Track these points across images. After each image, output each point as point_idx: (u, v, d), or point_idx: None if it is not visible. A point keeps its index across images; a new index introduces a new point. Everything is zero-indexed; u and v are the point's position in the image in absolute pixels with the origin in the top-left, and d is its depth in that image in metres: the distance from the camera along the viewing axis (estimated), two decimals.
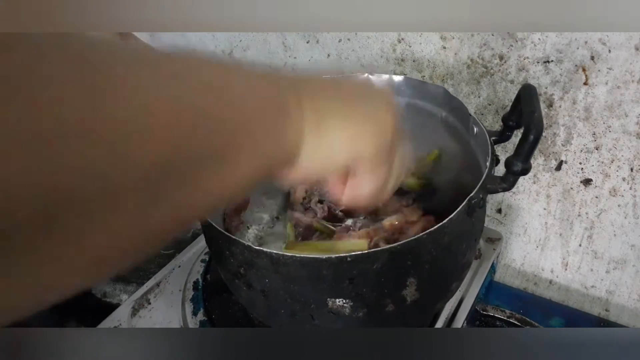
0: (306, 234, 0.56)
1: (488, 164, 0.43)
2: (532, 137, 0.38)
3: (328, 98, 0.28)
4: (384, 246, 0.41)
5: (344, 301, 0.41)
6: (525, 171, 0.39)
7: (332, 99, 0.28)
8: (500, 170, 0.44)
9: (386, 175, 0.32)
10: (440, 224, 0.39)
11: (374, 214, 0.56)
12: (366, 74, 0.59)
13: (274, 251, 0.39)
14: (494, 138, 0.49)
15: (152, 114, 0.17)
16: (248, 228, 0.63)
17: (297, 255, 0.39)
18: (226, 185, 0.21)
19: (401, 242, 0.38)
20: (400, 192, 0.56)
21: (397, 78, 0.58)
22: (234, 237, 0.40)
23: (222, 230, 0.41)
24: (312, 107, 0.26)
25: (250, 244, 0.39)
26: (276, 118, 0.24)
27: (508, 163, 0.40)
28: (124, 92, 0.16)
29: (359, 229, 0.53)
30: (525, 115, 0.41)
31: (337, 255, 0.38)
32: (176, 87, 0.19)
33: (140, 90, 0.17)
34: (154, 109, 0.17)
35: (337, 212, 0.57)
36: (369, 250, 0.38)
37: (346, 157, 0.29)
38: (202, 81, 0.21)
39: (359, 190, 0.32)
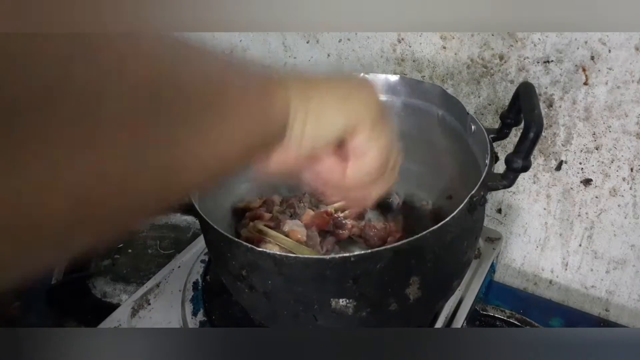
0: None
1: (487, 161, 0.43)
2: (532, 134, 0.38)
3: (310, 77, 0.28)
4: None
5: (348, 301, 0.41)
6: (525, 168, 0.39)
7: (315, 78, 0.28)
8: (499, 169, 0.44)
9: (388, 142, 0.30)
10: (443, 222, 0.39)
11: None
12: (362, 74, 0.59)
13: (277, 252, 0.39)
14: (492, 136, 0.49)
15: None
16: None
17: (300, 256, 0.39)
18: (215, 147, 0.22)
19: (404, 241, 0.38)
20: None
21: (393, 78, 0.58)
22: (235, 239, 0.40)
23: (223, 232, 0.41)
24: (297, 82, 0.27)
25: (252, 245, 0.39)
26: (266, 93, 0.25)
27: (508, 160, 0.40)
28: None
29: None
30: (525, 113, 0.41)
31: (340, 255, 0.38)
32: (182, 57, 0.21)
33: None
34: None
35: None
36: (373, 250, 0.38)
37: (342, 124, 0.28)
38: (207, 59, 0.23)
39: (365, 155, 0.29)
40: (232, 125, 0.23)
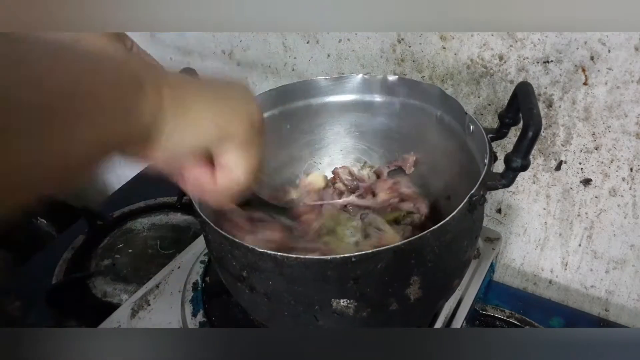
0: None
1: (487, 160, 0.43)
2: (531, 133, 0.38)
3: (190, 82, 0.28)
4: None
5: (348, 301, 0.41)
6: (524, 167, 0.39)
7: (194, 83, 0.28)
8: (498, 168, 0.44)
9: (256, 158, 0.31)
10: (443, 221, 0.39)
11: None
12: (360, 75, 0.59)
13: (278, 253, 0.39)
14: (490, 136, 0.49)
15: None
16: None
17: (301, 256, 0.39)
18: (64, 150, 0.22)
19: (405, 241, 0.38)
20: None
21: (392, 78, 0.58)
22: (236, 239, 0.40)
23: (224, 233, 0.41)
24: (172, 86, 0.26)
25: (254, 246, 0.39)
26: (128, 92, 0.24)
27: (507, 159, 0.40)
28: None
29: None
30: (523, 112, 0.41)
31: (341, 255, 0.38)
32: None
33: None
34: None
35: None
36: (374, 250, 0.38)
37: (212, 136, 0.28)
38: (38, 55, 0.21)
39: (232, 172, 0.30)
40: (87, 127, 0.22)
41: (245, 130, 0.29)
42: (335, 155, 0.66)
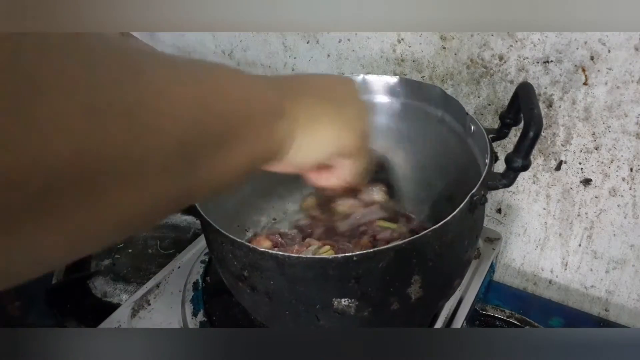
0: None
1: (487, 160, 0.43)
2: (532, 133, 0.38)
3: (312, 99, 0.34)
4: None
5: (350, 301, 0.41)
6: (525, 167, 0.40)
7: (315, 100, 0.34)
8: (498, 168, 0.44)
9: (363, 160, 0.39)
10: (444, 221, 0.39)
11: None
12: (361, 75, 0.59)
13: (280, 252, 0.39)
14: (491, 136, 0.49)
15: (170, 105, 0.20)
16: (246, 231, 0.63)
17: (303, 256, 0.39)
18: (226, 169, 0.26)
19: (406, 240, 0.38)
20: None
21: (393, 79, 0.58)
22: (237, 239, 0.40)
23: (225, 233, 0.41)
24: (299, 109, 0.31)
25: (255, 245, 0.39)
26: (270, 117, 0.29)
27: (508, 159, 0.40)
28: (151, 87, 0.20)
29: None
30: (524, 112, 0.41)
31: (343, 255, 0.38)
32: (190, 86, 0.23)
33: (163, 86, 0.21)
34: (172, 101, 0.21)
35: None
36: (375, 249, 0.38)
37: (331, 153, 0.35)
38: (212, 83, 0.25)
39: (346, 174, 0.39)
40: (244, 148, 0.26)
41: (357, 143, 0.36)
42: None
